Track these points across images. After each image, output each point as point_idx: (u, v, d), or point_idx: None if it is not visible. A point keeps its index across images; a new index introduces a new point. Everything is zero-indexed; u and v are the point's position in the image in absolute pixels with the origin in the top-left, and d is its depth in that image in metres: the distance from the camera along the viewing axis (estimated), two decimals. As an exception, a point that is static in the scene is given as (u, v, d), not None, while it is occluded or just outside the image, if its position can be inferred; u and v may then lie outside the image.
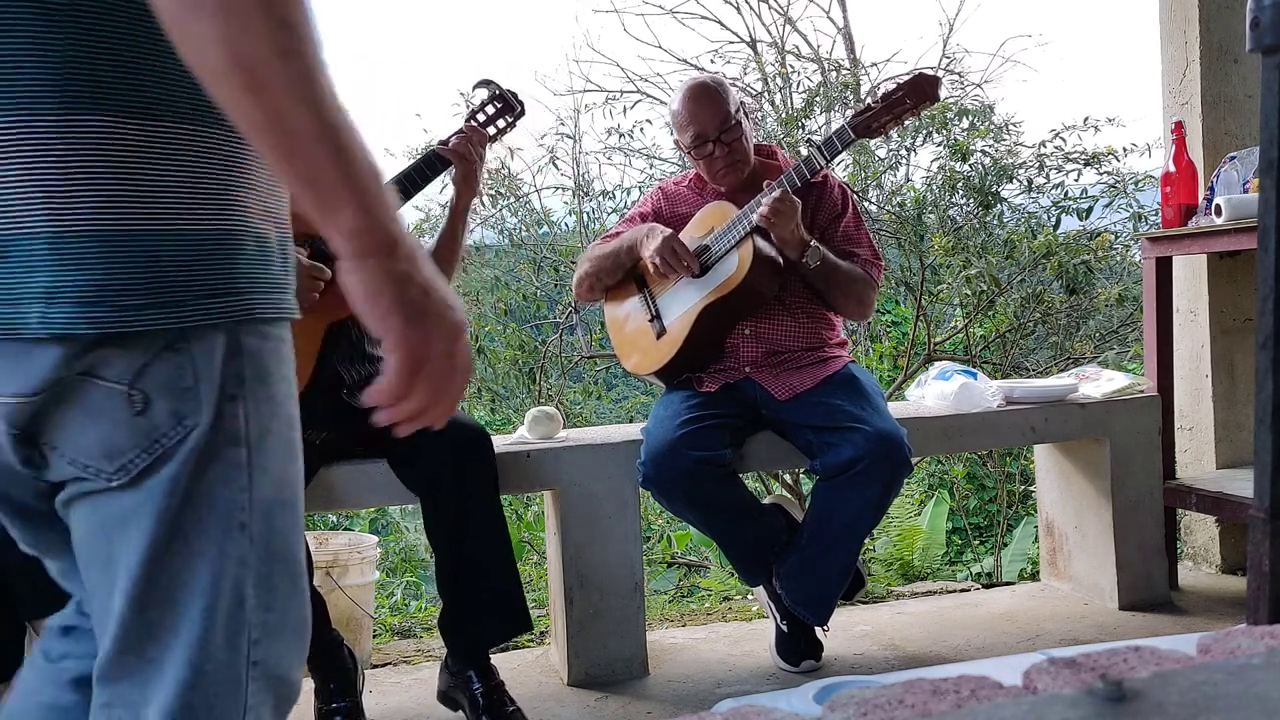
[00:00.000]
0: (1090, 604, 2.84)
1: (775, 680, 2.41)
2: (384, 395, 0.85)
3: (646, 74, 6.25)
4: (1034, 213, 5.03)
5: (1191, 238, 2.84)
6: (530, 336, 5.24)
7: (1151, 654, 0.58)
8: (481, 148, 2.27)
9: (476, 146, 2.26)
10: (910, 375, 4.60)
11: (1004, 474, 4.96)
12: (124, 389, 0.82)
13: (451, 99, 5.46)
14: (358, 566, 2.79)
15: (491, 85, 2.32)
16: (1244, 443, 3.06)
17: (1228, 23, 3.01)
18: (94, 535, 0.87)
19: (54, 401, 0.82)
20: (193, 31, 0.73)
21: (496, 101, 2.31)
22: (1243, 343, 3.07)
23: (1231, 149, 2.91)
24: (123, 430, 0.83)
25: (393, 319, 0.81)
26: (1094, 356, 4.93)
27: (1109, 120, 4.91)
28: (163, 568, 0.86)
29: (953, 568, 4.60)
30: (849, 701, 0.54)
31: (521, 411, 4.57)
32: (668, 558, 4.72)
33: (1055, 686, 0.54)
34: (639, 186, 5.50)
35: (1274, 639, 0.59)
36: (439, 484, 2.15)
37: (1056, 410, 2.75)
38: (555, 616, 2.62)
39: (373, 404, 0.86)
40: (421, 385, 0.84)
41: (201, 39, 0.73)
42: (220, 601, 0.88)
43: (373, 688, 2.42)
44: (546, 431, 2.53)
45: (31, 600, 1.90)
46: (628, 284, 2.54)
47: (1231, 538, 3.10)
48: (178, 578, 0.86)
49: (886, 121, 2.28)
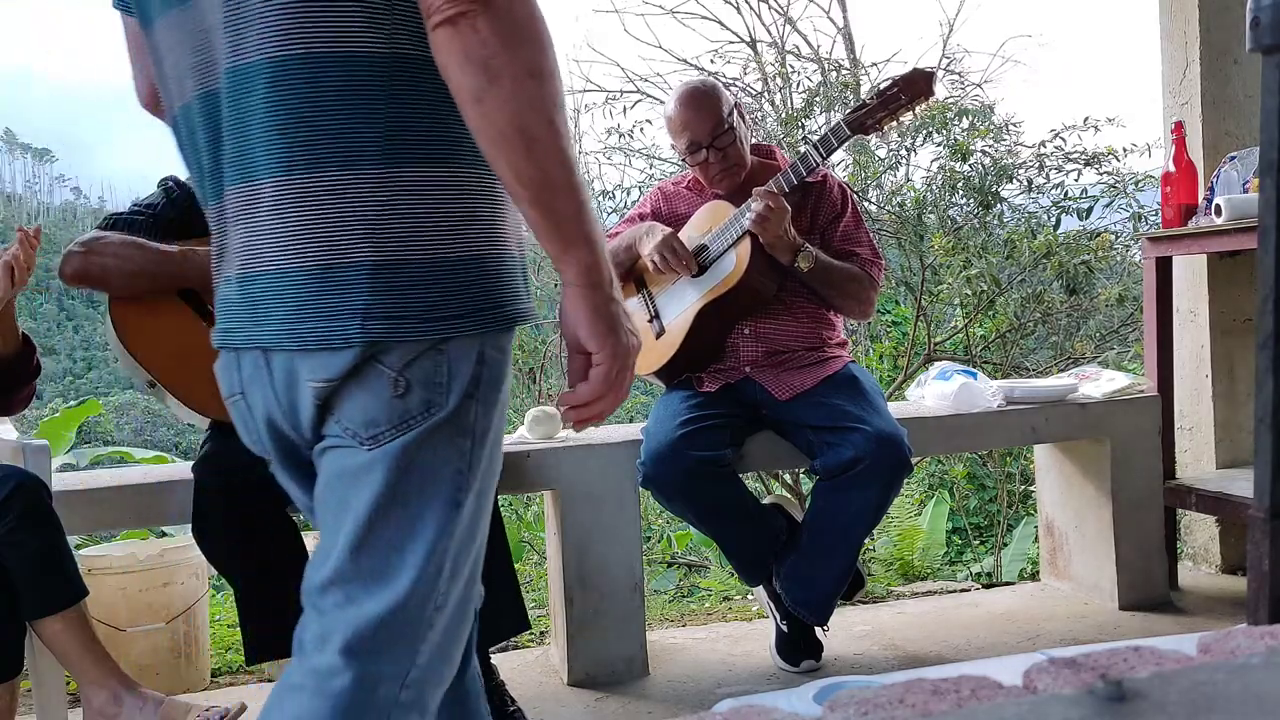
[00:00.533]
0: (1090, 604, 2.84)
1: (775, 680, 2.41)
2: (584, 397, 1.04)
3: (647, 74, 6.24)
4: (1034, 213, 5.03)
5: (1191, 238, 2.84)
6: (530, 336, 5.24)
7: (1151, 654, 0.58)
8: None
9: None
10: (910, 375, 4.60)
11: (1004, 474, 4.96)
12: (394, 375, 1.00)
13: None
14: (358, 566, 2.79)
15: None
16: (1244, 443, 3.06)
17: (1228, 23, 3.00)
18: (334, 482, 1.05)
19: (341, 388, 1.01)
20: (485, 104, 0.93)
21: None
22: (1243, 343, 3.07)
23: (1231, 149, 2.91)
24: (383, 407, 1.01)
25: (607, 337, 1.01)
26: (1094, 356, 4.92)
27: (1109, 120, 4.91)
28: (383, 522, 1.02)
29: (953, 568, 4.60)
30: (849, 701, 0.54)
31: (521, 411, 4.57)
32: (668, 558, 4.72)
33: (1055, 686, 0.54)
34: (639, 186, 5.50)
35: (1274, 639, 0.59)
36: None
37: (1056, 410, 2.75)
38: (555, 616, 2.62)
39: (568, 405, 1.05)
40: (612, 390, 1.03)
41: (491, 109, 0.93)
42: (427, 565, 1.03)
43: (373, 688, 2.41)
44: (546, 431, 2.53)
45: (32, 600, 1.91)
46: (626, 284, 2.54)
47: (1231, 538, 3.10)
48: (394, 534, 1.03)
49: (882, 118, 2.28)
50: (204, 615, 2.74)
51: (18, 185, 57.96)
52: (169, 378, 2.10)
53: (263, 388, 1.06)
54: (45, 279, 36.50)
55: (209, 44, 1.02)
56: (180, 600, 2.63)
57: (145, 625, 2.56)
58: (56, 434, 4.24)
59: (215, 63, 1.02)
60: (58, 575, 1.91)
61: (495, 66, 0.92)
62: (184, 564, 2.67)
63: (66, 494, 2.14)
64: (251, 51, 0.98)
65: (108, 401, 14.36)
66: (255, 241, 1.03)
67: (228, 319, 1.08)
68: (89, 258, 2.06)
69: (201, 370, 2.14)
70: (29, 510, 1.88)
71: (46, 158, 62.80)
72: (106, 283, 2.09)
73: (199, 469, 2.07)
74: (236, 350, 1.08)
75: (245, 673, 2.78)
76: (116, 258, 2.06)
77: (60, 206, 51.66)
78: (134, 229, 2.12)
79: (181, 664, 2.62)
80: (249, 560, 2.05)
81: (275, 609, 2.08)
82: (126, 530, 2.92)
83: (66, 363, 28.59)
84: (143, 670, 2.48)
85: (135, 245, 2.08)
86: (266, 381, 1.06)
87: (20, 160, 60.95)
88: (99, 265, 2.06)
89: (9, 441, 2.21)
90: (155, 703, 1.91)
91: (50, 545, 1.91)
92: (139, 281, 2.08)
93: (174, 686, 2.52)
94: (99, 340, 31.90)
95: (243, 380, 1.09)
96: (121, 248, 2.07)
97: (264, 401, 1.07)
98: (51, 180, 63.01)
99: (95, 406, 4.91)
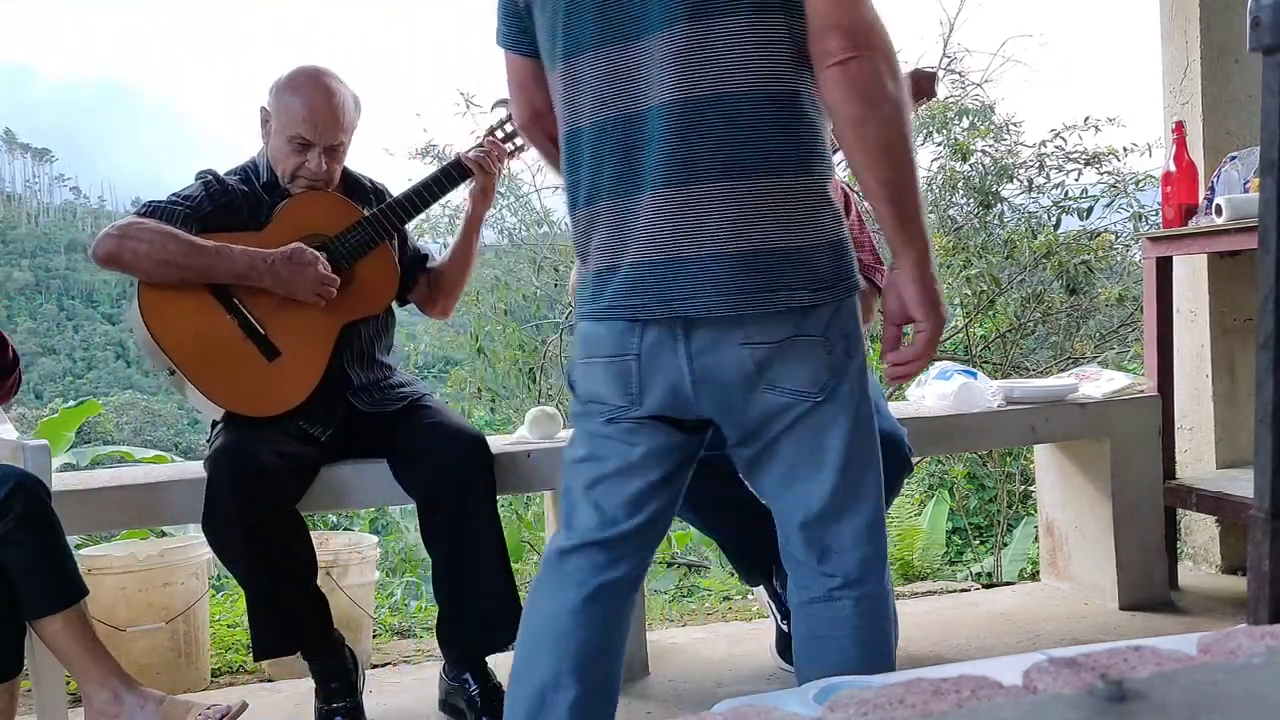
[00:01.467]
0: (1090, 604, 2.84)
1: (775, 680, 2.41)
2: (908, 357, 1.35)
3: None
4: (1034, 212, 5.03)
5: (1192, 238, 2.84)
6: (530, 336, 5.24)
7: (1151, 654, 0.58)
8: (500, 162, 2.38)
9: (496, 161, 2.36)
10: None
11: (1004, 474, 4.95)
12: (820, 339, 1.33)
13: (452, 99, 5.45)
14: (358, 566, 2.79)
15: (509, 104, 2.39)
16: (1244, 443, 3.06)
17: (1228, 23, 3.00)
18: (809, 436, 1.36)
19: (778, 353, 1.31)
20: (864, 126, 1.25)
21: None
22: (1243, 343, 3.07)
23: (1232, 149, 2.91)
24: (822, 365, 1.33)
25: (932, 309, 1.31)
26: (1094, 356, 4.92)
27: (1109, 120, 4.91)
28: (857, 447, 1.37)
29: (953, 568, 4.60)
30: (849, 701, 0.54)
31: (521, 411, 4.57)
32: (668, 558, 4.72)
33: (1055, 686, 0.54)
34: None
35: (1274, 639, 0.59)
36: (436, 489, 2.16)
37: (1057, 410, 2.75)
38: (555, 616, 2.61)
39: (894, 363, 1.36)
40: (926, 353, 1.34)
41: (868, 131, 1.26)
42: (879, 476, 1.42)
43: (373, 688, 2.41)
44: (547, 431, 2.53)
45: (32, 600, 1.91)
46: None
47: (1231, 538, 3.10)
48: (863, 454, 1.38)
49: None
50: (204, 615, 2.74)
51: (18, 185, 57.93)
52: (189, 367, 2.11)
53: (672, 354, 1.33)
54: (45, 279, 36.56)
55: (642, 77, 1.31)
56: (180, 600, 2.63)
57: (145, 625, 2.56)
58: (56, 434, 4.24)
59: (644, 92, 1.31)
60: (58, 575, 1.91)
61: (874, 98, 1.25)
62: (184, 564, 2.67)
63: (66, 494, 2.14)
64: (703, 86, 1.29)
65: (108, 401, 14.37)
66: (690, 232, 1.30)
67: (632, 295, 1.33)
68: (123, 242, 2.09)
69: (222, 362, 2.16)
70: (29, 510, 1.88)
71: (46, 158, 62.80)
72: (137, 268, 2.11)
73: (212, 463, 2.06)
74: (640, 321, 1.33)
75: (245, 672, 2.78)
76: (150, 245, 2.08)
77: (60, 206, 51.66)
78: (172, 219, 2.14)
79: (181, 664, 2.62)
80: (259, 557, 2.04)
81: (283, 606, 2.08)
82: (126, 530, 2.92)
83: (66, 363, 28.60)
84: (143, 670, 2.48)
85: (170, 235, 2.10)
86: (680, 348, 1.32)
87: (20, 160, 60.94)
88: (131, 250, 2.08)
89: (9, 441, 2.21)
90: (156, 702, 1.91)
91: (50, 545, 1.91)
92: (168, 271, 2.10)
93: (174, 686, 2.52)
94: (99, 340, 31.95)
95: (641, 346, 1.34)
96: (156, 235, 2.09)
97: (668, 366, 1.34)
98: (51, 180, 63.00)
99: (95, 406, 4.91)
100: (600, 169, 1.36)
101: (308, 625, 2.12)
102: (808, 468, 1.37)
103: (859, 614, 1.39)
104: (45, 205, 50.08)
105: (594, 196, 1.37)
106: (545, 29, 1.41)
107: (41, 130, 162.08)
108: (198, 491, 2.12)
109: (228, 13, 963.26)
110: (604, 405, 1.40)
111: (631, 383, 1.36)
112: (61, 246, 37.89)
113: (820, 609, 1.41)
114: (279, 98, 2.24)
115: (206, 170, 2.28)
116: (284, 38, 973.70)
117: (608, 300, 1.35)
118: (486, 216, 2.48)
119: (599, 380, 1.39)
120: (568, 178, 1.43)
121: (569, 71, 1.37)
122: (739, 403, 1.35)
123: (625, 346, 1.35)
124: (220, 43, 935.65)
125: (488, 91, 6.79)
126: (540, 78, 1.46)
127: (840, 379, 1.34)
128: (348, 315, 2.25)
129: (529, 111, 1.53)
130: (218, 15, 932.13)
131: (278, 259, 2.14)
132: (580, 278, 1.44)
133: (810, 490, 1.37)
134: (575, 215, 1.41)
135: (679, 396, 1.35)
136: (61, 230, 41.41)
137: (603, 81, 1.34)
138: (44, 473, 2.03)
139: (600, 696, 1.41)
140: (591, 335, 1.39)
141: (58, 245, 37.39)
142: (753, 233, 1.29)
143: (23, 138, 63.28)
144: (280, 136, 2.23)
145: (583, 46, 1.35)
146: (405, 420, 2.25)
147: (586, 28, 1.35)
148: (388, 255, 2.33)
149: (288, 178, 2.25)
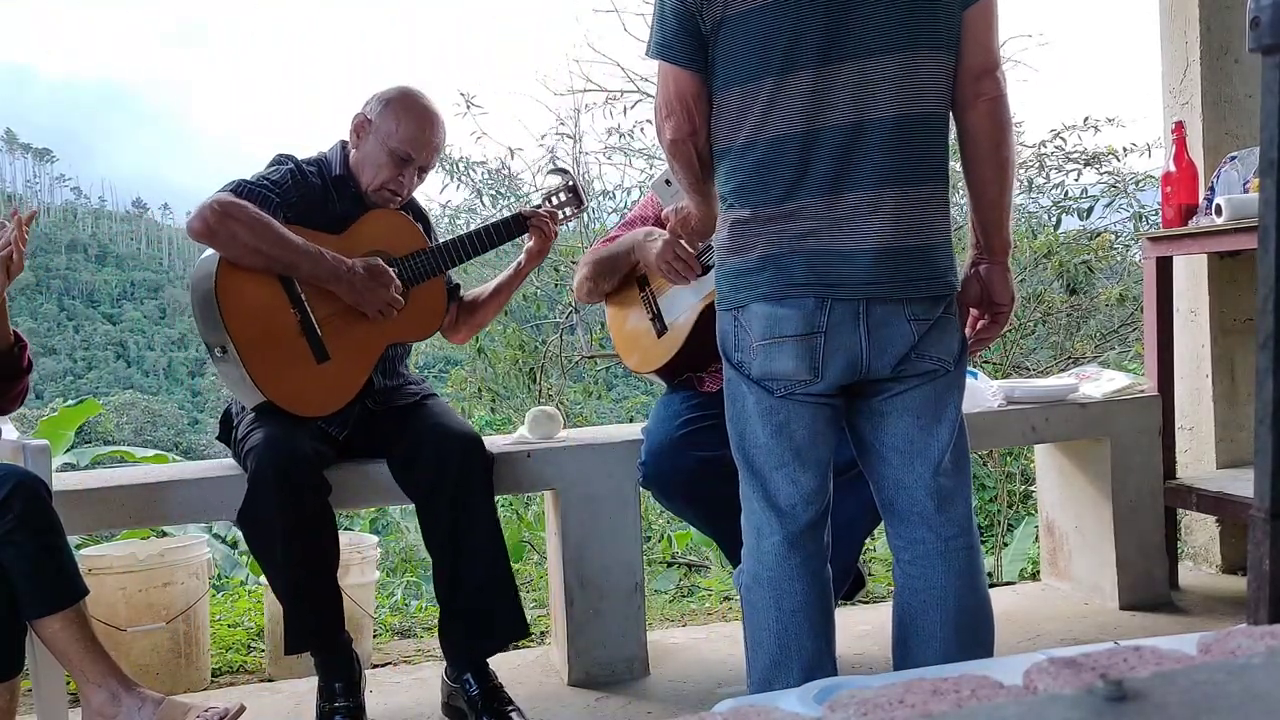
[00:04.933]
0: (1090, 604, 2.84)
1: (775, 680, 2.41)
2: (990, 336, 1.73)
3: (647, 74, 6.23)
4: (1034, 212, 5.03)
5: (1192, 238, 2.84)
6: (530, 336, 5.23)
7: (1151, 654, 0.58)
8: (556, 227, 2.51)
9: (552, 225, 2.50)
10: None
11: (1004, 474, 4.95)
12: (954, 318, 1.64)
13: (453, 99, 5.44)
14: (358, 566, 2.79)
15: (566, 175, 2.61)
16: (1244, 443, 3.06)
17: (1228, 23, 3.01)
18: (934, 398, 1.62)
19: (932, 328, 1.59)
20: (1001, 146, 1.63)
21: (569, 191, 2.57)
22: (1243, 343, 3.07)
23: (1232, 149, 2.91)
24: (955, 340, 1.64)
25: (1012, 296, 1.70)
26: (1094, 356, 4.92)
27: (1109, 120, 4.90)
28: (961, 416, 1.66)
29: (953, 568, 4.59)
30: (849, 701, 0.54)
31: (522, 411, 4.57)
32: (668, 558, 4.71)
33: (1055, 686, 0.54)
34: (639, 187, 5.49)
35: (1274, 639, 0.59)
36: (436, 490, 2.17)
37: (1057, 410, 2.75)
38: (555, 616, 2.62)
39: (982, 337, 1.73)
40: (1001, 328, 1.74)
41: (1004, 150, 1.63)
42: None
43: (373, 688, 2.42)
44: (547, 431, 2.53)
45: (31, 600, 1.91)
46: (629, 283, 2.54)
47: (1231, 538, 3.10)
48: (964, 422, 1.67)
49: None
50: (204, 615, 2.74)
51: (18, 185, 57.93)
52: (247, 351, 2.12)
53: (854, 330, 1.56)
54: (45, 279, 36.42)
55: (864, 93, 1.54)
56: (180, 600, 2.63)
57: (145, 625, 2.56)
58: (56, 434, 4.24)
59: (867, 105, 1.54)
60: (58, 575, 1.91)
61: (1009, 127, 1.64)
62: (184, 564, 2.67)
63: (66, 494, 2.14)
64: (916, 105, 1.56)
65: (108, 401, 14.37)
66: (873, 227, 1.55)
67: (825, 277, 1.56)
68: (225, 221, 2.09)
69: (275, 353, 2.19)
70: (29, 510, 1.88)
71: (46, 158, 62.78)
72: (230, 248, 2.12)
73: (257, 457, 2.05)
74: (830, 300, 1.55)
75: (245, 672, 2.79)
76: (250, 230, 2.10)
77: (60, 206, 51.67)
78: (266, 205, 2.16)
79: (181, 664, 2.62)
80: (302, 548, 2.05)
81: (315, 600, 2.09)
82: (126, 530, 2.92)
83: (66, 363, 28.58)
84: (143, 670, 2.48)
85: (268, 225, 2.12)
86: (860, 324, 1.56)
87: (20, 160, 60.92)
88: (230, 231, 2.09)
89: (9, 441, 2.21)
90: (154, 703, 1.91)
91: (50, 545, 1.91)
92: (257, 258, 2.12)
93: (174, 686, 2.52)
94: (99, 340, 31.91)
95: (828, 323, 1.56)
96: (256, 222, 2.11)
97: (849, 339, 1.57)
98: (51, 180, 62.99)
99: (95, 406, 4.90)
100: (809, 170, 1.56)
101: (331, 620, 2.13)
102: (934, 425, 1.62)
103: (971, 561, 1.64)
104: (46, 205, 50.12)
105: (793, 194, 1.57)
106: (746, 48, 1.57)
107: (42, 130, 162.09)
108: (198, 491, 2.12)
109: (228, 13, 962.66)
110: (783, 381, 1.60)
111: (817, 356, 1.57)
112: (62, 246, 37.85)
113: (936, 561, 1.63)
114: (389, 109, 2.29)
115: (287, 156, 2.31)
116: (284, 38, 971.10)
117: (800, 280, 1.56)
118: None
119: (785, 357, 1.58)
120: (753, 180, 1.59)
121: (780, 85, 1.56)
122: (894, 368, 1.59)
123: (814, 323, 1.56)
124: (220, 43, 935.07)
125: (488, 91, 6.80)
126: (703, 94, 1.63)
127: (964, 352, 1.66)
128: (395, 336, 2.31)
129: (689, 126, 1.65)
130: (218, 15, 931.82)
131: (359, 270, 2.18)
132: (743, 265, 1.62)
133: (934, 443, 1.63)
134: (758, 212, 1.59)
135: (853, 366, 1.58)
136: (62, 230, 41.38)
137: (823, 94, 1.55)
138: (44, 473, 2.03)
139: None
140: (774, 316, 1.58)
141: (58, 245, 37.37)
142: (922, 228, 1.58)
143: (23, 138, 63.35)
144: (382, 147, 2.27)
145: (801, 63, 1.55)
146: (407, 421, 2.27)
147: (809, 48, 1.54)
148: (440, 287, 2.40)
149: (374, 186, 2.29)
